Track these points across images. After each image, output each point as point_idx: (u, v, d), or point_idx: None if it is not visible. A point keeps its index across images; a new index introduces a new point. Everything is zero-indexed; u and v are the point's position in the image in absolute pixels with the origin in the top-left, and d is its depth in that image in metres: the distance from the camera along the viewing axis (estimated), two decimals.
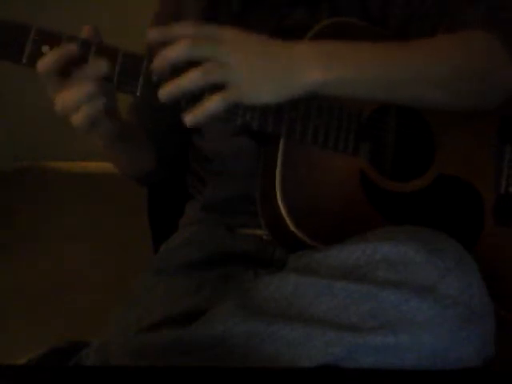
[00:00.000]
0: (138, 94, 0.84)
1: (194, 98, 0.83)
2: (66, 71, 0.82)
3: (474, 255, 0.80)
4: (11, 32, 0.81)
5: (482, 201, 0.98)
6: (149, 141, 1.08)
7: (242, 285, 0.88)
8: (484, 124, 1.00)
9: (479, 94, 0.92)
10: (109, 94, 0.85)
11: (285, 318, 0.79)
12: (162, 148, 1.09)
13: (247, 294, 0.84)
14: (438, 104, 0.90)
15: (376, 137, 0.95)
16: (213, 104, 0.82)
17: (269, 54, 0.84)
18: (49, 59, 0.81)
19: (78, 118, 0.83)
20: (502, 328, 0.82)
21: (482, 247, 0.95)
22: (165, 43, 0.82)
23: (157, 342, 0.85)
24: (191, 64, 0.82)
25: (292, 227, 0.89)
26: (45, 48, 0.81)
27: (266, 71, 0.83)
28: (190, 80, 0.81)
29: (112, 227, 2.19)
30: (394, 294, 0.76)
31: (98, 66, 0.82)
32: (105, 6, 2.12)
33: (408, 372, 0.76)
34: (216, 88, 0.82)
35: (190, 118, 0.83)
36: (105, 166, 1.11)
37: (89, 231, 2.20)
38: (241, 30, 0.83)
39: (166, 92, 0.82)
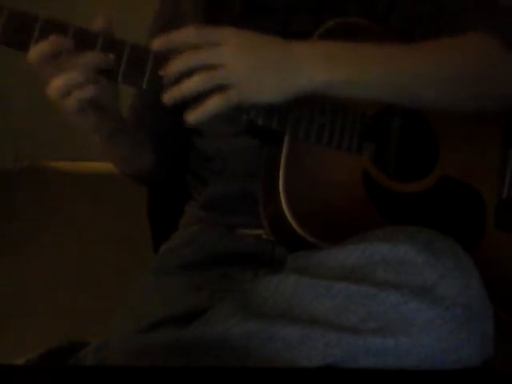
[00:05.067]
0: (144, 87, 0.85)
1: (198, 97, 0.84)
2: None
3: (474, 258, 0.80)
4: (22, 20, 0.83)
5: (484, 204, 0.98)
6: (148, 140, 1.08)
7: (242, 285, 0.88)
8: (488, 128, 1.00)
9: (480, 96, 0.92)
10: (106, 88, 0.86)
11: (284, 319, 0.79)
12: (162, 148, 1.09)
13: (247, 294, 0.84)
14: (440, 106, 0.91)
15: (380, 137, 0.95)
16: (214, 103, 0.82)
17: (270, 54, 0.84)
18: (41, 49, 0.82)
19: (67, 103, 0.84)
20: (502, 329, 0.82)
21: (482, 250, 0.95)
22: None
23: (157, 342, 0.85)
24: None
25: (295, 226, 0.89)
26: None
27: (267, 72, 0.83)
28: (192, 85, 0.82)
29: (112, 227, 2.19)
30: (394, 295, 0.76)
31: (90, 57, 0.83)
32: (105, 5, 2.12)
33: (408, 372, 0.76)
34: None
35: (192, 117, 0.83)
36: (105, 166, 1.11)
37: (89, 231, 2.20)
38: (242, 30, 0.84)
39: (170, 97, 0.83)
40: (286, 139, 0.90)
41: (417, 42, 0.90)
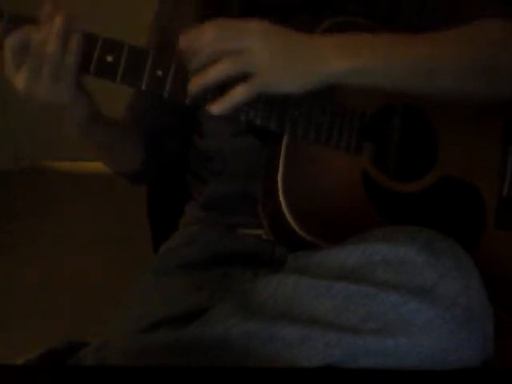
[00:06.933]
0: (143, 87, 0.85)
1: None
2: None
3: (474, 257, 0.80)
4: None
5: (484, 203, 0.98)
6: (138, 137, 1.07)
7: (242, 285, 0.88)
8: (488, 125, 0.99)
9: (495, 84, 0.91)
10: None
11: (284, 319, 0.79)
12: (155, 145, 1.09)
13: (247, 294, 0.84)
14: (457, 94, 0.90)
15: (379, 136, 0.95)
16: (239, 92, 0.83)
17: (293, 43, 0.84)
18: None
19: (42, 78, 0.85)
20: (502, 329, 0.82)
21: (482, 249, 0.95)
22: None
23: (157, 342, 0.85)
24: None
25: (294, 226, 0.88)
26: None
27: (290, 60, 0.83)
28: (217, 71, 0.82)
29: (112, 227, 2.19)
30: (394, 295, 0.76)
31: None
32: (105, 5, 2.12)
33: (408, 372, 0.76)
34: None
35: (216, 108, 0.84)
36: (105, 166, 1.11)
37: (89, 231, 2.20)
38: (264, 21, 0.84)
39: (195, 85, 0.84)
40: (285, 139, 0.90)
41: (432, 32, 0.89)
